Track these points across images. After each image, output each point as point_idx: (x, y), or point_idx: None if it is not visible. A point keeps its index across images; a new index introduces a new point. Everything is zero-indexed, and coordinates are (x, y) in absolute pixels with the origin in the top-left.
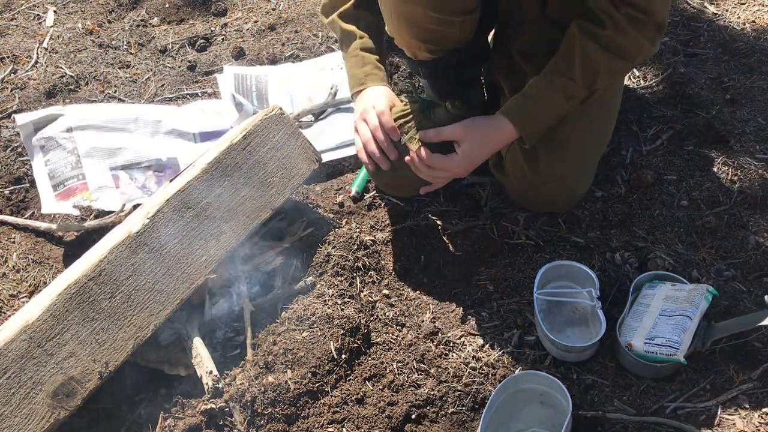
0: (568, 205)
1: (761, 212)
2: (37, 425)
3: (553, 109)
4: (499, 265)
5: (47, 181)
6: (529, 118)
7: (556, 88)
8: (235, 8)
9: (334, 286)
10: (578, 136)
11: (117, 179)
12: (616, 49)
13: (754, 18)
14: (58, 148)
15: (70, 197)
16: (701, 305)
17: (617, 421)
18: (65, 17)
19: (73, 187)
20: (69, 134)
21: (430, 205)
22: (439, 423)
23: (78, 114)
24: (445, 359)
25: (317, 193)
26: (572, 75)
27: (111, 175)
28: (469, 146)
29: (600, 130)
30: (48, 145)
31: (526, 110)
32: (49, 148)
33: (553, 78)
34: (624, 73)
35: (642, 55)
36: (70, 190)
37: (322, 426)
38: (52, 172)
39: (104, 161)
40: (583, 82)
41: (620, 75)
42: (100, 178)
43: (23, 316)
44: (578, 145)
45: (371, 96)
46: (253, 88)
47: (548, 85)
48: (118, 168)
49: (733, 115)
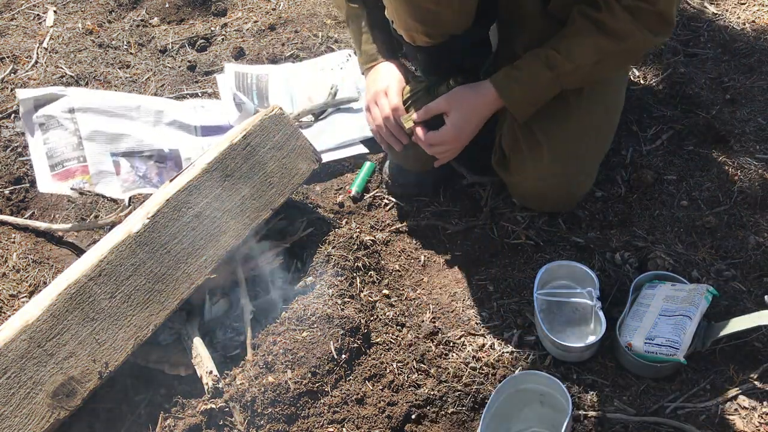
0: (570, 205)
1: (761, 212)
2: (37, 425)
3: (536, 78)
4: (499, 265)
5: (45, 159)
6: (512, 85)
7: (539, 57)
8: (235, 8)
9: (334, 286)
10: (582, 133)
11: (118, 166)
12: (605, 28)
13: (754, 18)
14: (58, 128)
15: (68, 179)
16: (701, 305)
17: (617, 421)
18: (65, 17)
19: (72, 169)
20: (71, 115)
21: (430, 205)
22: (439, 423)
23: (81, 96)
24: (445, 359)
25: (317, 193)
26: (557, 47)
27: (112, 161)
28: (456, 115)
29: (603, 129)
30: (48, 123)
31: (509, 77)
32: (49, 127)
33: (538, 50)
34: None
35: (634, 42)
36: (69, 171)
37: (322, 426)
38: (50, 151)
39: (106, 146)
40: (566, 53)
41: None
42: (101, 162)
43: (23, 316)
44: (581, 143)
45: (384, 76)
46: (253, 86)
47: (532, 56)
48: (119, 154)
49: (733, 115)
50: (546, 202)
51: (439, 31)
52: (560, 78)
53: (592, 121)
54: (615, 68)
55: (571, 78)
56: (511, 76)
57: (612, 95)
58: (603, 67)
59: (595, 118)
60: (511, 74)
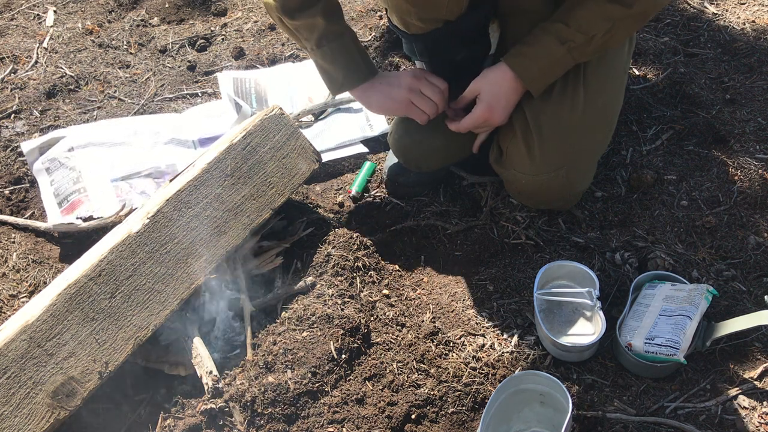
0: (567, 203)
1: (761, 212)
2: (37, 425)
3: (549, 53)
4: (499, 265)
5: (53, 199)
6: (526, 62)
7: (549, 32)
8: (235, 8)
9: (334, 286)
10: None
11: (118, 189)
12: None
13: (754, 18)
14: (61, 168)
15: (73, 211)
16: (701, 305)
17: (617, 421)
18: (65, 17)
19: (76, 201)
20: (70, 153)
21: (430, 205)
22: (439, 423)
23: (79, 133)
24: (445, 359)
25: (317, 193)
26: (566, 20)
27: (112, 186)
28: (487, 92)
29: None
30: (52, 166)
31: (522, 54)
32: (53, 169)
33: (547, 25)
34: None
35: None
36: (73, 204)
37: (322, 426)
38: (56, 190)
39: (105, 174)
40: (576, 26)
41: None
42: (101, 190)
43: (23, 316)
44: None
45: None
46: (252, 90)
47: (542, 31)
48: (118, 179)
49: (733, 115)
50: (542, 199)
51: (432, 14)
52: (572, 52)
53: (589, 118)
54: (626, 34)
55: (584, 50)
56: (523, 53)
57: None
58: (614, 35)
59: (593, 115)
60: (523, 51)
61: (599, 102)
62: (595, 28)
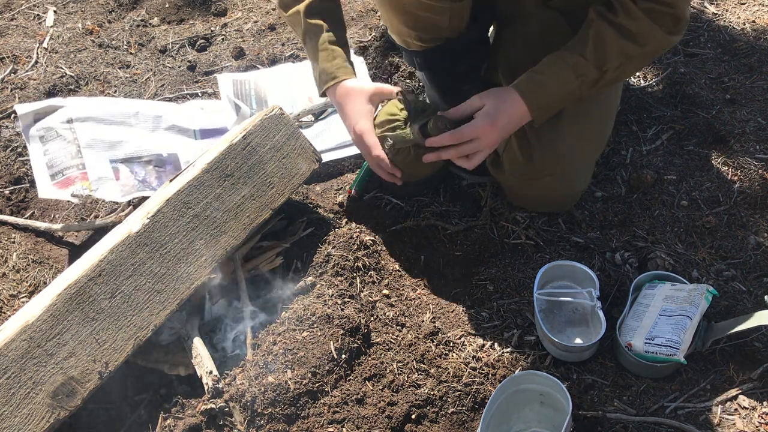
0: (564, 206)
1: (761, 212)
2: (37, 425)
3: (563, 86)
4: (499, 265)
5: (45, 170)
6: (537, 92)
7: (567, 63)
8: (235, 8)
9: (334, 286)
10: (574, 131)
11: (117, 171)
12: (627, 33)
13: (754, 18)
14: (57, 139)
15: (69, 186)
16: (701, 305)
17: (617, 421)
18: (65, 17)
19: (72, 177)
20: (69, 125)
21: (430, 205)
22: (439, 423)
23: (79, 106)
24: (445, 359)
25: (317, 193)
26: (584, 53)
27: (111, 167)
28: (492, 106)
29: (597, 130)
30: (47, 135)
31: (535, 83)
32: (49, 138)
33: (564, 55)
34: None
35: (655, 43)
36: (69, 179)
37: (322, 426)
38: (50, 161)
39: (105, 153)
40: (594, 60)
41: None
42: (100, 169)
43: (23, 316)
44: (574, 141)
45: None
46: (251, 92)
47: (558, 61)
48: (118, 161)
49: (733, 115)
50: (539, 203)
51: (432, 36)
52: (582, 86)
53: (585, 122)
54: (633, 71)
55: (593, 85)
56: (536, 82)
57: (607, 95)
58: (623, 71)
59: (589, 119)
60: (536, 79)
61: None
62: (609, 63)
